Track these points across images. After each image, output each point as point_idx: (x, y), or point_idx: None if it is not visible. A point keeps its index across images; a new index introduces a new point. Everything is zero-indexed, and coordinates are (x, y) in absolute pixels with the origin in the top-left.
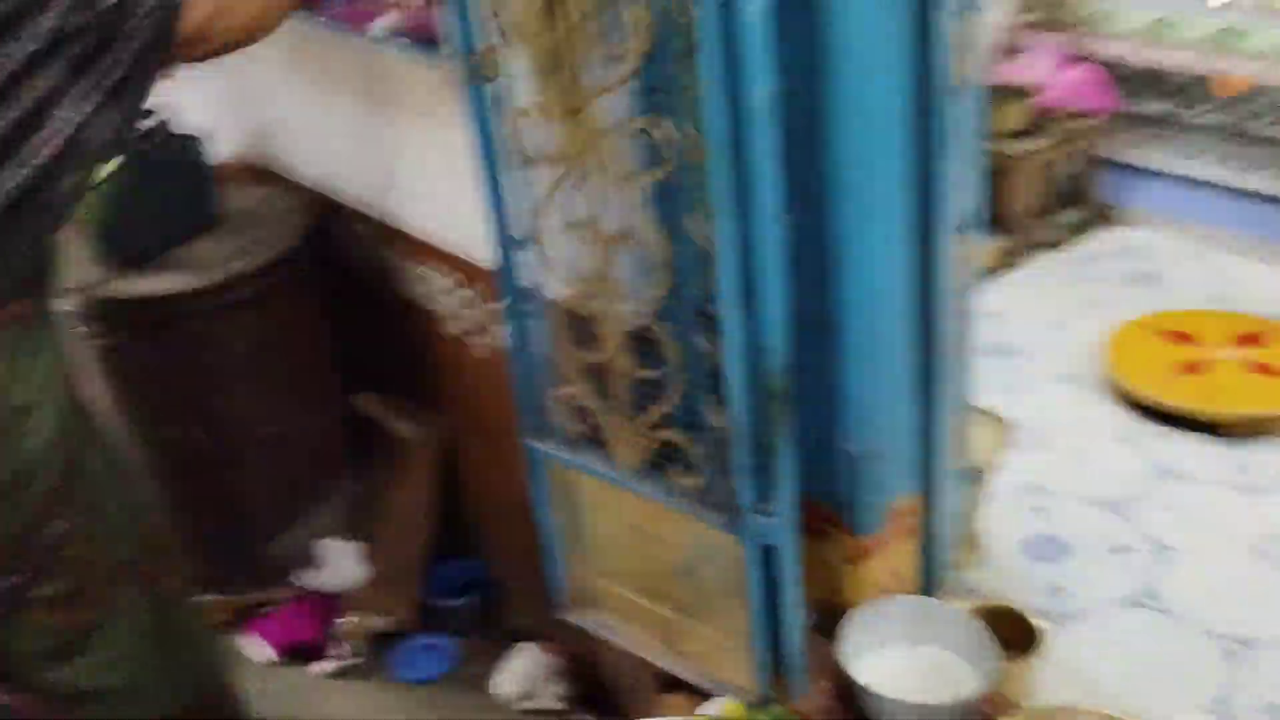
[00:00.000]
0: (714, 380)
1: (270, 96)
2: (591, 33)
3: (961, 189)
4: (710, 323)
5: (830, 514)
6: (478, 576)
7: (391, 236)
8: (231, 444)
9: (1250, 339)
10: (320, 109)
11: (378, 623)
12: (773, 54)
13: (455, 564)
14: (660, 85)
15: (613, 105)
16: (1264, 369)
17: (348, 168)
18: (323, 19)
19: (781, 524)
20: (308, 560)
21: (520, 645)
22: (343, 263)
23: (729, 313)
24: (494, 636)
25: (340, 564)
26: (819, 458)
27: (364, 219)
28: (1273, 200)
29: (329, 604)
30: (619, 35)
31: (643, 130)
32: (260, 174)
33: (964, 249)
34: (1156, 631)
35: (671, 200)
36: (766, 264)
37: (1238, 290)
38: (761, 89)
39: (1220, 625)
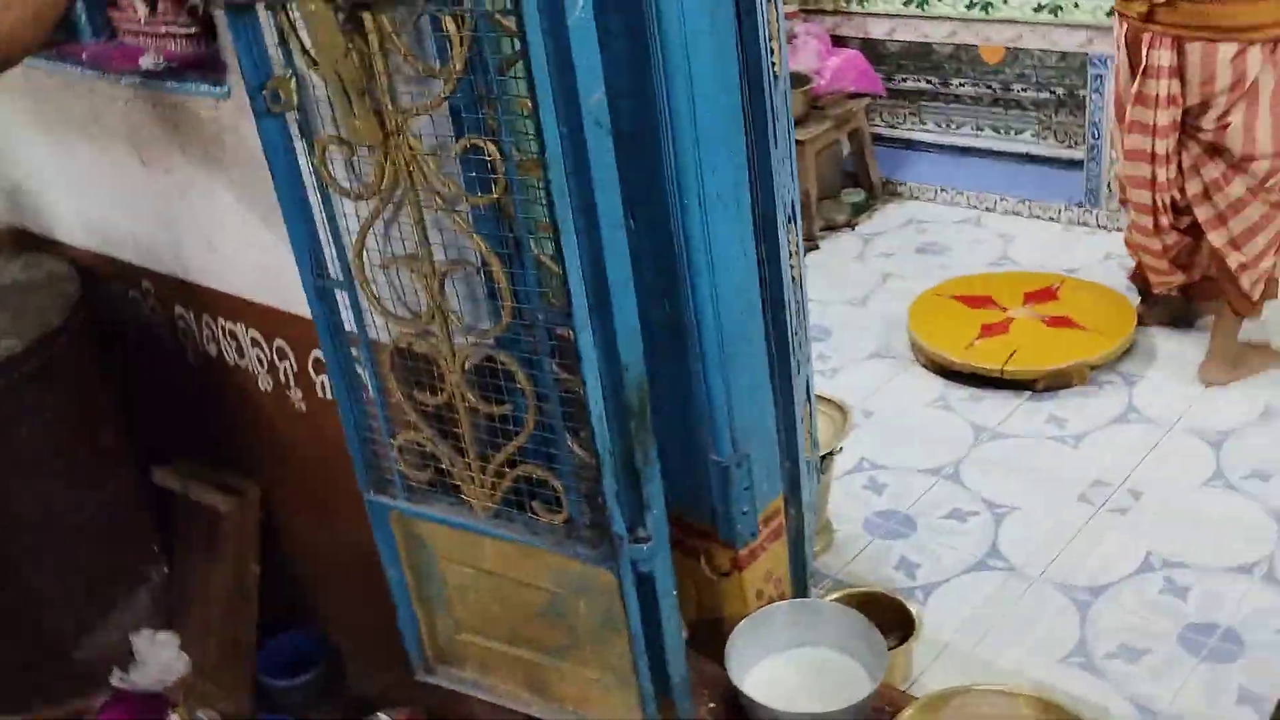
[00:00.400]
0: (570, 407)
1: (22, 154)
2: (400, 50)
3: (787, 179)
4: (563, 346)
5: (703, 529)
6: (314, 648)
7: (184, 293)
8: (18, 542)
9: (1040, 295)
10: (83, 162)
11: (209, 715)
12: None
13: (287, 638)
14: (482, 101)
15: (431, 127)
16: (1059, 322)
17: (124, 223)
18: (78, 62)
19: (656, 548)
20: (121, 658)
21: (372, 715)
22: (129, 328)
23: (583, 331)
24: (340, 710)
25: (158, 657)
26: (685, 473)
27: (149, 277)
28: (1036, 160)
29: (151, 704)
30: (431, 51)
31: (470, 150)
32: (16, 241)
33: (794, 238)
34: (1008, 591)
35: (505, 222)
36: (615, 276)
37: (1018, 250)
38: (596, 92)
39: (1065, 575)
